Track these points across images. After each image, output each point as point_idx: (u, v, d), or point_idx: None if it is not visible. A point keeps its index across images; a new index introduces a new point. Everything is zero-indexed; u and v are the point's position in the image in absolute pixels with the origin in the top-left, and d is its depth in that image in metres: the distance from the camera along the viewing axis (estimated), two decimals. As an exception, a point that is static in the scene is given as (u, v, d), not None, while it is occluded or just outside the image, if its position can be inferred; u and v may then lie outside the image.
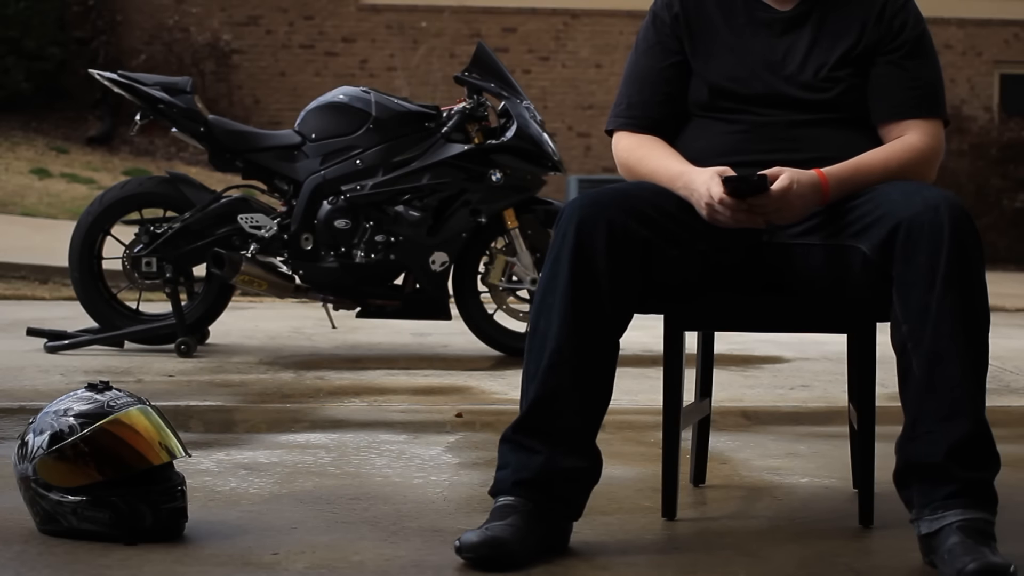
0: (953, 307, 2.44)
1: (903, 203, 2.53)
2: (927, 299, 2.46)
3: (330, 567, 2.43)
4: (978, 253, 2.49)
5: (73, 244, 6.00)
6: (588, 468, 2.59)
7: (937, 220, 2.47)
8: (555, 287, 2.56)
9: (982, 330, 2.48)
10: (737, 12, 2.87)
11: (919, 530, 2.45)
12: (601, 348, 2.58)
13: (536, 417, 2.55)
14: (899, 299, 2.51)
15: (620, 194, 2.65)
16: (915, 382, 2.47)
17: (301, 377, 5.21)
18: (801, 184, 2.60)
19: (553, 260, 2.58)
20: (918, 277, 2.47)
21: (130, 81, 5.96)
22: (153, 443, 2.56)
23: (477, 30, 16.33)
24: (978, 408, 2.45)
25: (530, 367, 2.57)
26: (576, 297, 2.54)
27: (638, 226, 2.60)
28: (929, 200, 2.51)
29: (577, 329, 2.54)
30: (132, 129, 6.50)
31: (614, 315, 2.59)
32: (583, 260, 2.55)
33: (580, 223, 2.57)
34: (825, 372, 5.62)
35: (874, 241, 2.55)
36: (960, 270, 2.45)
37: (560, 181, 14.47)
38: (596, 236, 2.56)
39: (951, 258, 2.45)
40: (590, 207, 2.59)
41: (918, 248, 2.47)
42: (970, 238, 2.48)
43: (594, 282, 2.55)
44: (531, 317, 2.61)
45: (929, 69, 2.82)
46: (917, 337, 2.46)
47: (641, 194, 2.67)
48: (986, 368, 2.49)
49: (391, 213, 5.81)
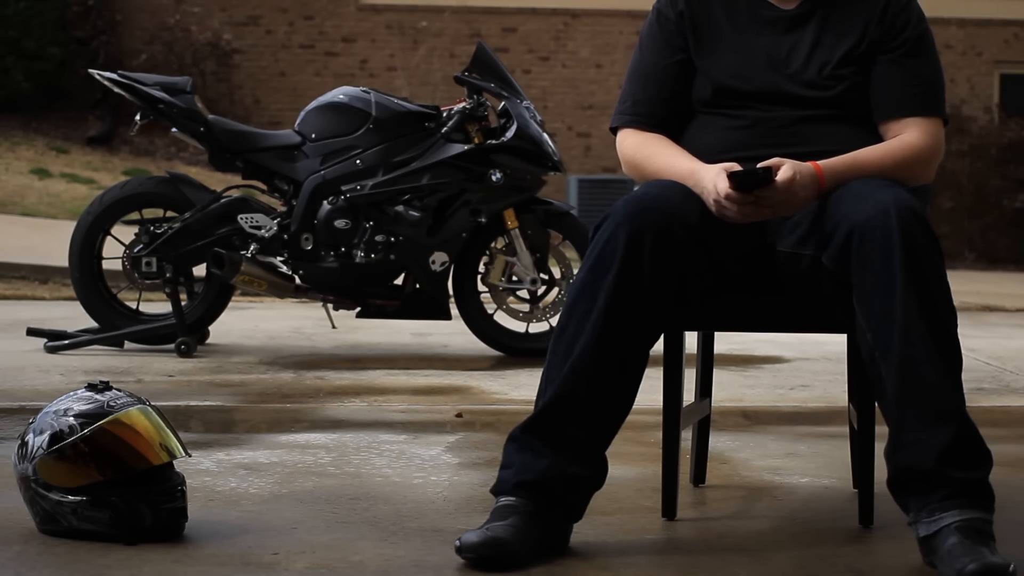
0: (916, 310, 2.42)
1: (855, 208, 2.52)
2: (888, 305, 2.44)
3: (330, 567, 2.43)
4: (933, 252, 2.47)
5: (73, 244, 6.00)
6: (592, 476, 2.58)
7: (887, 224, 2.46)
8: (593, 294, 2.53)
9: (949, 328, 2.46)
10: (741, 11, 2.88)
11: (917, 532, 2.45)
12: (629, 361, 2.56)
13: (548, 420, 2.54)
14: (860, 307, 2.50)
15: (664, 200, 2.60)
16: (892, 391, 2.45)
17: (301, 377, 5.21)
18: (803, 175, 2.60)
19: (594, 265, 2.54)
20: (875, 283, 2.46)
21: (130, 81, 5.96)
22: (153, 443, 2.56)
23: (477, 30, 16.33)
24: (960, 408, 2.44)
25: (551, 370, 2.55)
26: (614, 309, 2.51)
27: (681, 232, 2.57)
28: (880, 203, 2.49)
29: (608, 341, 2.52)
30: (132, 129, 6.50)
31: (649, 329, 2.57)
32: (630, 272, 2.52)
33: (632, 233, 2.53)
34: (825, 372, 5.62)
35: (832, 251, 2.54)
36: (916, 272, 2.44)
37: (560, 181, 14.46)
38: (645, 247, 2.52)
39: (906, 261, 2.44)
40: (640, 215, 2.55)
41: (872, 254, 2.46)
42: (922, 237, 2.46)
43: (637, 294, 2.53)
44: (560, 318, 2.59)
45: (930, 68, 2.83)
46: (884, 344, 2.45)
47: (681, 201, 2.62)
48: (961, 365, 2.47)
49: (391, 213, 5.81)
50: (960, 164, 14.84)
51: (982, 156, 15.11)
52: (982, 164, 15.06)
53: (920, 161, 2.75)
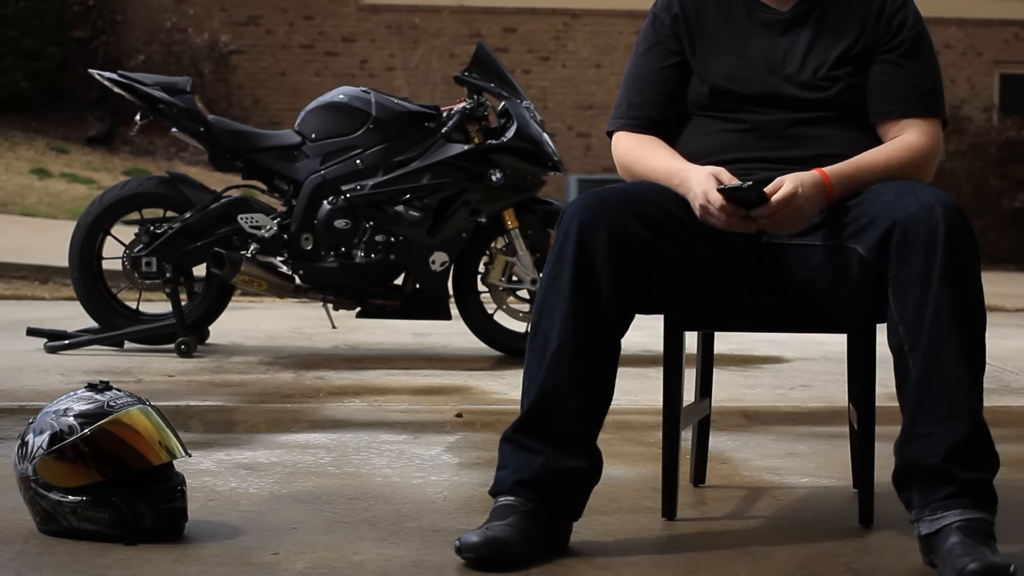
0: (949, 307, 2.44)
1: (898, 204, 2.53)
2: (923, 299, 2.45)
3: (330, 567, 2.43)
4: (973, 253, 2.49)
5: (73, 244, 6.00)
6: (588, 469, 2.59)
7: (932, 220, 2.47)
8: (557, 288, 2.56)
9: (979, 330, 2.48)
10: (738, 14, 2.88)
11: (919, 531, 2.45)
12: (602, 349, 2.58)
13: (536, 417, 2.55)
14: (895, 300, 2.50)
15: (622, 194, 2.64)
16: (913, 383, 2.46)
17: (301, 377, 5.21)
18: (806, 186, 2.60)
19: (555, 260, 2.58)
20: (914, 278, 2.47)
21: (130, 81, 5.96)
22: (153, 443, 2.56)
23: (477, 30, 16.34)
24: (976, 408, 2.45)
25: (531, 367, 2.57)
26: (577, 298, 2.54)
27: (640, 227, 2.59)
28: (923, 200, 2.50)
29: (578, 330, 2.54)
30: (132, 129, 6.50)
31: (615, 316, 2.59)
32: (585, 261, 2.55)
33: (582, 224, 2.56)
34: (825, 372, 5.62)
35: (870, 243, 2.54)
36: (955, 270, 2.45)
37: (560, 181, 14.47)
38: (598, 237, 2.55)
39: (946, 258, 2.45)
40: (592, 207, 2.59)
41: (913, 249, 2.47)
42: (965, 238, 2.48)
43: (595, 283, 2.55)
44: (533, 317, 2.61)
45: (928, 68, 2.82)
46: (914, 338, 2.46)
47: (644, 194, 2.67)
48: (983, 368, 2.49)
49: (391, 213, 5.81)
50: (959, 164, 14.84)
51: (981, 156, 15.11)
52: (981, 164, 15.07)
53: (921, 162, 2.75)
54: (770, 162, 2.73)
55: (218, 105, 15.52)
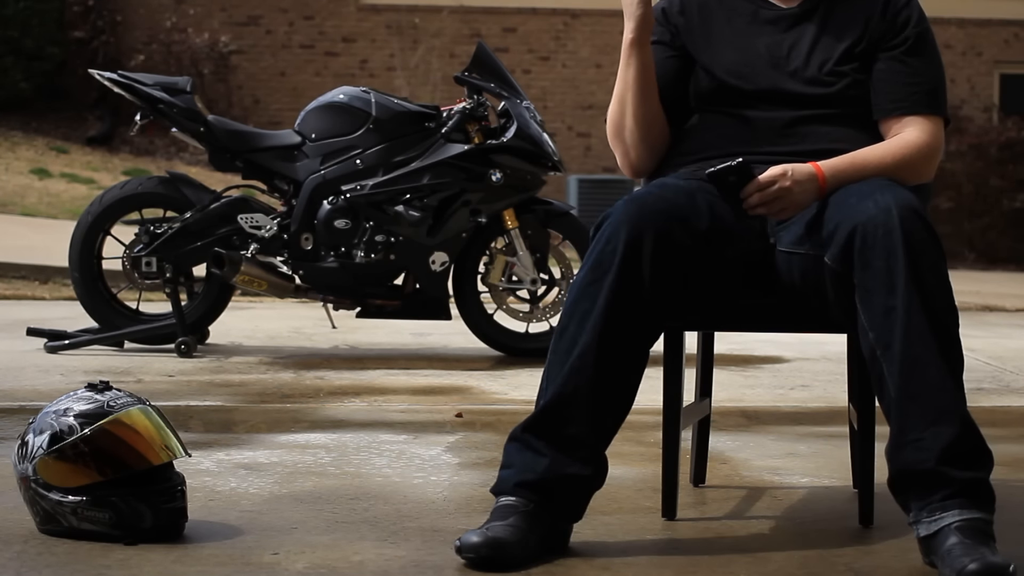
0: (919, 310, 2.42)
1: (857, 208, 2.52)
2: (890, 303, 2.44)
3: (330, 567, 2.43)
4: (935, 251, 2.47)
5: (73, 244, 6.00)
6: (592, 476, 2.57)
7: (889, 223, 2.46)
8: (593, 294, 2.53)
9: (951, 328, 2.46)
10: (742, 11, 2.88)
11: (918, 532, 2.44)
12: (629, 361, 2.56)
13: (549, 419, 2.54)
14: (863, 306, 2.50)
15: (666, 201, 2.60)
16: (894, 389, 2.45)
17: (301, 377, 5.21)
18: (796, 172, 2.60)
19: (594, 266, 2.54)
20: (878, 282, 2.46)
21: (130, 81, 5.96)
22: (153, 443, 2.56)
23: (477, 30, 16.33)
24: (961, 407, 2.44)
25: (552, 369, 2.55)
26: (614, 309, 2.52)
27: (683, 235, 2.57)
28: (881, 203, 2.49)
29: (608, 341, 2.52)
30: (132, 129, 6.50)
31: (649, 329, 2.57)
32: (629, 274, 2.52)
33: (631, 235, 2.53)
34: (825, 372, 5.62)
35: (835, 250, 2.54)
36: (918, 271, 2.44)
37: (560, 181, 14.47)
38: (644, 249, 2.53)
39: (908, 260, 2.44)
40: (639, 217, 2.55)
41: (874, 253, 2.46)
42: (924, 237, 2.46)
43: (637, 296, 2.53)
44: (561, 318, 2.59)
45: (931, 66, 2.83)
46: (885, 342, 2.45)
47: (684, 203, 2.62)
48: (962, 365, 2.47)
49: (391, 213, 5.81)
50: (959, 164, 14.84)
51: (981, 156, 15.12)
52: (981, 164, 15.07)
53: (921, 160, 2.75)
54: (773, 156, 2.73)
55: (218, 105, 15.52)
